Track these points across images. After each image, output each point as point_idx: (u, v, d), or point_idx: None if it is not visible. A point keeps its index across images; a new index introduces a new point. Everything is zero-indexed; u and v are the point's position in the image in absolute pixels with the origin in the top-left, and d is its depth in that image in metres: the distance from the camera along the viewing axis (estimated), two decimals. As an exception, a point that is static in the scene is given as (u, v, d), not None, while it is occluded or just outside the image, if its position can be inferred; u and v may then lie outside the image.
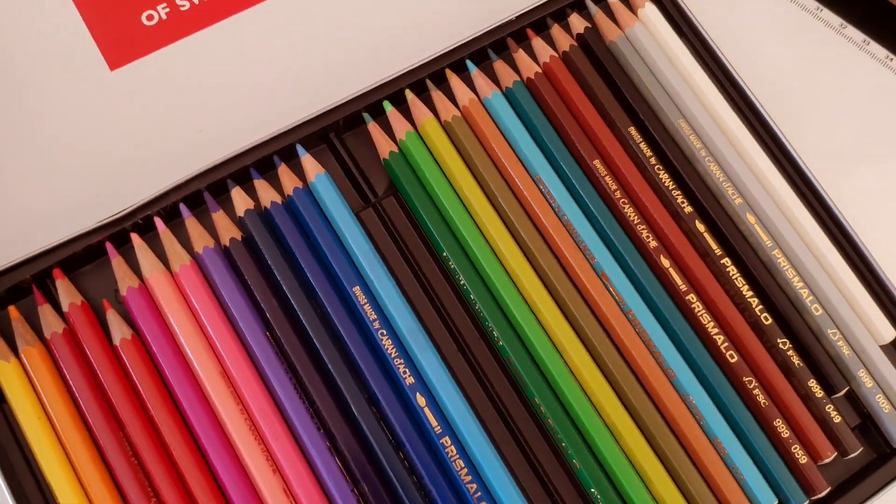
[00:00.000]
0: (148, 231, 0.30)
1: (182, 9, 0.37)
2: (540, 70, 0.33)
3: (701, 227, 0.31)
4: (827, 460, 0.29)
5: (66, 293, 0.28)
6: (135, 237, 0.29)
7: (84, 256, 0.29)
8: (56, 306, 0.28)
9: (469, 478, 0.27)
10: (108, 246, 0.29)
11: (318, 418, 0.28)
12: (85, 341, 0.27)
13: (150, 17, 0.36)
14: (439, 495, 0.27)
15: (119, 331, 0.28)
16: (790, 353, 0.30)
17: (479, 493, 0.27)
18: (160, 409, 0.27)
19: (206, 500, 0.26)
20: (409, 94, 0.32)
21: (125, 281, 0.28)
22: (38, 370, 0.27)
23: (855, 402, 0.31)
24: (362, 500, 0.27)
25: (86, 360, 0.27)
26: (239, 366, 0.28)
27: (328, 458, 0.27)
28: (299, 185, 0.30)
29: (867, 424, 0.31)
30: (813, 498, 0.29)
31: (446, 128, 0.32)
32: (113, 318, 0.28)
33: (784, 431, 0.29)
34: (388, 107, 0.32)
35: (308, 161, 0.31)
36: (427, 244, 0.31)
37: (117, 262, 0.29)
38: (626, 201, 0.31)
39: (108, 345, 0.28)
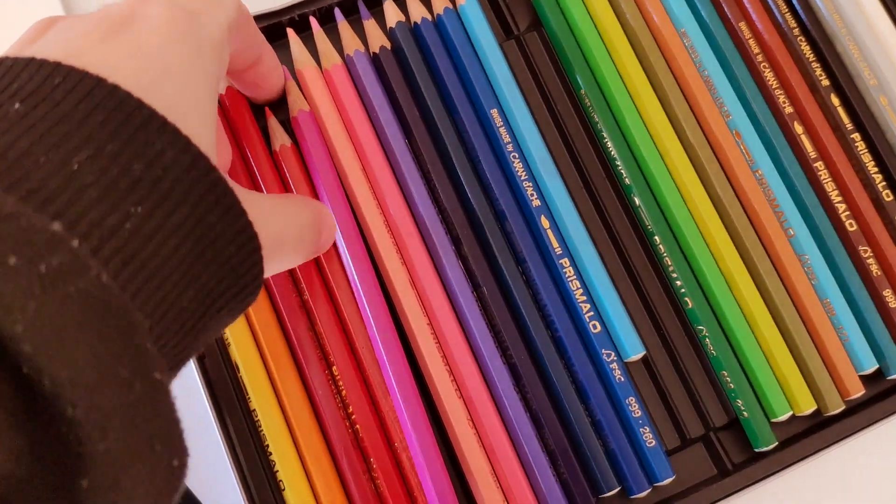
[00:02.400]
0: (302, 31, 0.31)
1: None
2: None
3: (836, 100, 0.32)
4: (929, 336, 0.30)
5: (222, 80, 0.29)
6: (290, 31, 0.30)
7: (239, 45, 0.30)
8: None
9: (584, 298, 0.29)
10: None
11: (446, 225, 0.29)
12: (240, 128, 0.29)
13: None
14: (553, 310, 0.28)
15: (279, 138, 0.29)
16: (907, 232, 0.30)
17: (592, 313, 0.28)
18: (303, 191, 0.28)
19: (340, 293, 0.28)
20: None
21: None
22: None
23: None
24: (481, 303, 0.28)
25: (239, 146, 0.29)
26: (379, 165, 0.29)
27: (453, 260, 0.28)
28: (450, 6, 0.31)
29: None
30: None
31: (597, -28, 0.32)
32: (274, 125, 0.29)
33: (892, 302, 0.30)
34: (543, -56, 0.32)
35: (460, -15, 0.31)
36: (564, 81, 0.32)
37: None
38: (767, 65, 0.32)
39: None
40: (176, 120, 0.17)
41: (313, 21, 0.30)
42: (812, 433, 0.28)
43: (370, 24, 0.31)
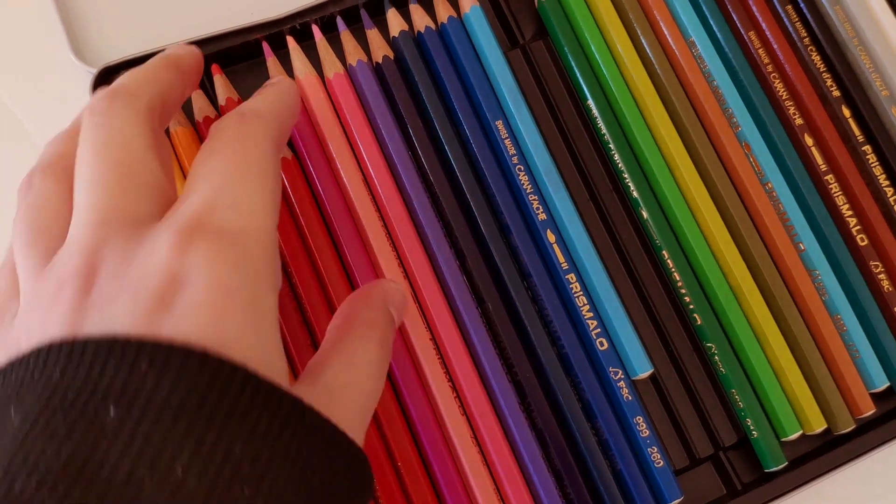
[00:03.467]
0: (304, 40, 0.30)
1: None
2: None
3: (846, 112, 0.31)
4: (941, 354, 0.29)
5: (223, 88, 0.29)
6: (291, 40, 0.30)
7: (239, 53, 0.30)
8: (210, 99, 0.29)
9: (590, 314, 0.28)
10: (265, 45, 0.29)
11: (450, 238, 0.28)
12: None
13: None
14: (560, 327, 0.28)
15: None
16: (920, 247, 0.30)
17: (599, 330, 0.28)
18: (303, 201, 0.28)
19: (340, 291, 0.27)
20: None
21: (280, 80, 0.29)
22: (186, 150, 0.28)
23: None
24: (485, 319, 0.28)
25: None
26: (381, 176, 0.28)
27: (456, 274, 0.28)
28: (454, 14, 0.30)
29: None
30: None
31: (604, -20, 0.31)
32: None
33: (905, 318, 0.29)
34: (548, -49, 0.32)
35: (464, -8, 0.31)
36: (570, 91, 0.31)
37: (272, 63, 0.29)
38: (777, 76, 0.31)
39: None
40: (261, 368, 0.16)
41: (315, 30, 0.30)
42: (822, 453, 0.28)
43: (373, 34, 0.30)
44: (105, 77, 0.29)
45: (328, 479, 0.16)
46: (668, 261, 0.29)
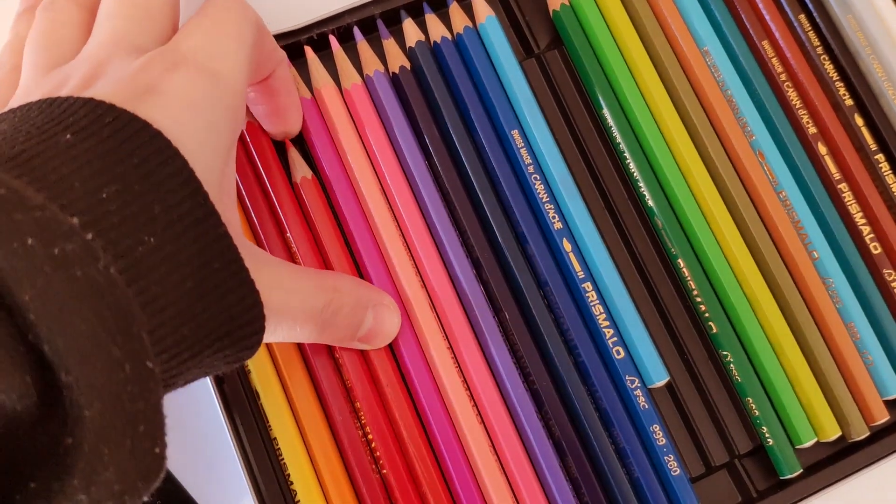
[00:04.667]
0: (321, 50, 0.30)
1: None
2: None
3: (860, 120, 0.31)
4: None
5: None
6: (309, 51, 0.30)
7: (257, 64, 0.30)
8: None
9: (606, 323, 0.28)
10: (283, 56, 0.30)
11: (466, 248, 0.29)
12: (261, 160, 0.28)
13: None
14: (576, 335, 0.28)
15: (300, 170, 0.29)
16: (932, 255, 0.30)
17: (615, 339, 0.28)
18: (321, 213, 0.28)
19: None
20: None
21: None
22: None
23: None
24: (502, 328, 0.28)
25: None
26: (398, 185, 0.29)
27: (473, 283, 0.28)
28: (469, 24, 0.31)
29: None
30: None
31: (618, -11, 0.32)
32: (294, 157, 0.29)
33: (918, 326, 0.29)
34: (563, -39, 0.32)
35: (479, 2, 0.31)
36: (585, 100, 0.31)
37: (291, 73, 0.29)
38: (790, 84, 0.31)
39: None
40: (199, 175, 0.19)
41: (333, 40, 0.30)
42: (837, 460, 0.28)
43: (390, 44, 0.30)
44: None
45: (224, 294, 0.19)
46: (684, 269, 0.29)
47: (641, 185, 0.30)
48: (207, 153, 0.20)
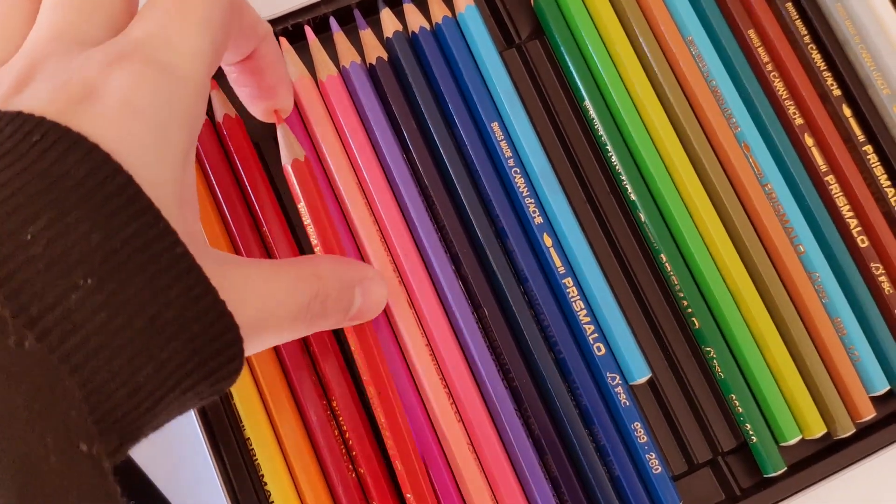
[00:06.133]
0: (296, 41, 0.30)
1: None
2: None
3: (847, 111, 0.31)
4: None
5: (221, 104, 0.28)
6: (284, 42, 0.29)
7: (231, 56, 0.29)
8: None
9: (587, 319, 0.28)
10: (257, 47, 0.29)
11: (445, 243, 0.28)
12: (237, 151, 0.28)
13: None
14: (557, 332, 0.27)
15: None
16: (921, 248, 0.29)
17: (596, 335, 0.28)
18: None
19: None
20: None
21: (272, 82, 0.28)
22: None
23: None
24: (481, 324, 0.28)
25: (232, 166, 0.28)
26: (375, 179, 0.28)
27: (452, 279, 0.27)
28: (448, 14, 0.30)
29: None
30: (922, 391, 0.29)
31: (601, -22, 0.31)
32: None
33: (906, 321, 0.29)
34: (545, -51, 0.31)
35: (459, -9, 0.30)
36: (567, 91, 0.31)
37: (265, 65, 0.29)
38: (777, 74, 0.31)
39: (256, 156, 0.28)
40: (149, 190, 0.17)
41: (308, 31, 0.29)
42: (822, 457, 0.28)
43: (367, 34, 0.30)
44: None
45: (186, 325, 0.17)
46: (666, 264, 0.29)
47: (624, 178, 0.29)
48: (158, 163, 0.17)
